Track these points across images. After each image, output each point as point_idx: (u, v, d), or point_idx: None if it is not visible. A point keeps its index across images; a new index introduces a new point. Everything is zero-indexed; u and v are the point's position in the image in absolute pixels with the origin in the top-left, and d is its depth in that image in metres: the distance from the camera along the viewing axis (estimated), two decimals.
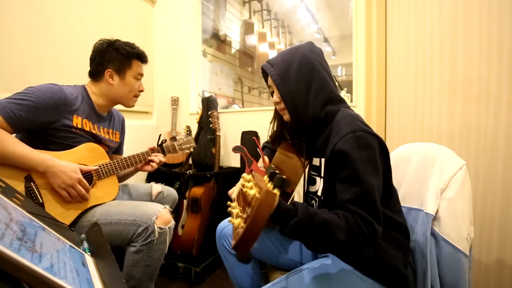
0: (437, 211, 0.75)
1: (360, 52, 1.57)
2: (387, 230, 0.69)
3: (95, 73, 1.12)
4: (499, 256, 1.04)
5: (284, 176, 0.46)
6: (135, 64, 1.14)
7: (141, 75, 1.18)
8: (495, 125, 1.03)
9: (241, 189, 0.55)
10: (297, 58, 0.77)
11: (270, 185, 0.43)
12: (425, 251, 0.74)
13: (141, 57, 1.16)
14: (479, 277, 1.08)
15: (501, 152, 1.02)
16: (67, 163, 0.96)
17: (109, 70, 1.10)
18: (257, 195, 0.42)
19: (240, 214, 0.47)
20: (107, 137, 1.16)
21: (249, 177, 0.53)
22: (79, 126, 1.04)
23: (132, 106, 1.20)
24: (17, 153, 0.88)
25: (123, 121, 1.31)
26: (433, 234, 0.75)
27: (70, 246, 0.53)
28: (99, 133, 1.12)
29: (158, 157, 1.19)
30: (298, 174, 0.84)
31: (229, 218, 0.49)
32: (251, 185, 0.48)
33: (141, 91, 1.19)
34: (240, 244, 0.40)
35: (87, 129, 1.07)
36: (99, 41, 1.13)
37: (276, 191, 0.42)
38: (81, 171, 0.98)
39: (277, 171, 0.47)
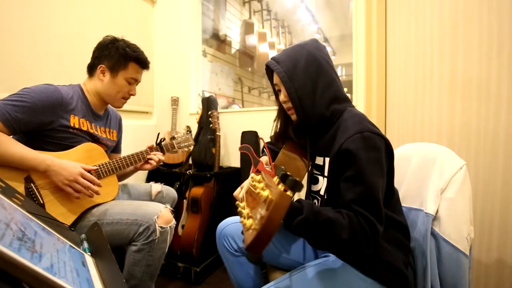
0: (437, 211, 0.75)
1: (360, 52, 1.57)
2: (388, 230, 0.69)
3: (91, 67, 1.11)
4: (499, 256, 1.04)
5: (297, 179, 0.46)
6: (131, 67, 1.11)
7: (136, 80, 1.14)
8: (495, 125, 1.03)
9: (251, 189, 0.55)
10: (303, 56, 0.76)
11: (282, 187, 0.44)
12: (425, 251, 0.74)
13: (140, 62, 1.12)
14: (479, 277, 1.08)
15: (501, 152, 1.02)
16: (67, 160, 0.95)
17: (102, 66, 1.09)
18: (270, 196, 0.42)
19: (251, 214, 0.47)
20: (103, 136, 1.16)
21: (259, 177, 0.53)
22: (76, 126, 1.03)
23: (119, 107, 1.18)
24: (16, 154, 0.88)
25: (120, 120, 1.30)
26: (433, 234, 0.74)
27: (70, 246, 0.53)
28: (96, 133, 1.11)
29: (157, 156, 1.18)
30: (301, 175, 0.84)
31: (240, 219, 0.49)
32: (263, 186, 0.48)
33: (132, 95, 1.16)
34: (254, 245, 0.41)
35: (84, 128, 1.06)
36: (106, 36, 1.12)
37: (289, 193, 0.42)
38: None
39: (288, 173, 0.47)
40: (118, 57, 1.08)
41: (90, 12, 1.70)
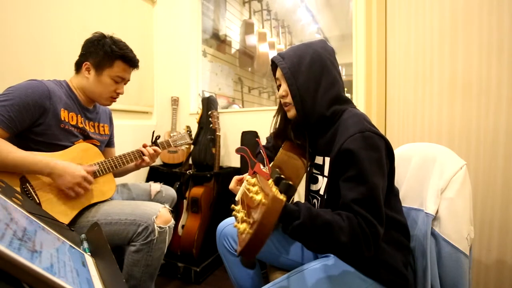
0: (437, 211, 0.75)
1: (360, 52, 1.57)
2: (387, 230, 0.69)
3: (77, 64, 1.10)
4: (499, 256, 1.04)
5: (290, 182, 0.46)
6: (116, 65, 1.07)
7: (123, 79, 1.11)
8: (495, 125, 1.03)
9: (246, 193, 0.54)
10: (309, 54, 0.76)
11: (275, 190, 0.43)
12: (425, 251, 0.74)
13: (127, 60, 1.09)
14: (479, 277, 1.08)
15: (501, 152, 1.02)
16: (68, 163, 0.95)
17: (87, 63, 1.07)
18: (263, 200, 0.42)
19: (245, 218, 0.47)
20: (92, 130, 1.15)
21: (253, 180, 0.53)
22: (66, 120, 1.03)
23: (107, 105, 1.16)
24: (19, 161, 0.88)
25: (110, 114, 1.30)
26: (433, 234, 0.74)
27: (70, 246, 0.53)
28: (86, 127, 1.10)
29: (148, 149, 1.18)
30: (300, 175, 0.84)
31: (234, 223, 0.49)
32: (257, 190, 0.48)
33: (119, 93, 1.13)
34: (247, 250, 0.40)
35: (73, 122, 1.05)
36: (94, 33, 1.10)
37: (282, 197, 0.42)
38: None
39: (282, 176, 0.47)
40: (103, 55, 1.06)
41: (90, 12, 1.70)
